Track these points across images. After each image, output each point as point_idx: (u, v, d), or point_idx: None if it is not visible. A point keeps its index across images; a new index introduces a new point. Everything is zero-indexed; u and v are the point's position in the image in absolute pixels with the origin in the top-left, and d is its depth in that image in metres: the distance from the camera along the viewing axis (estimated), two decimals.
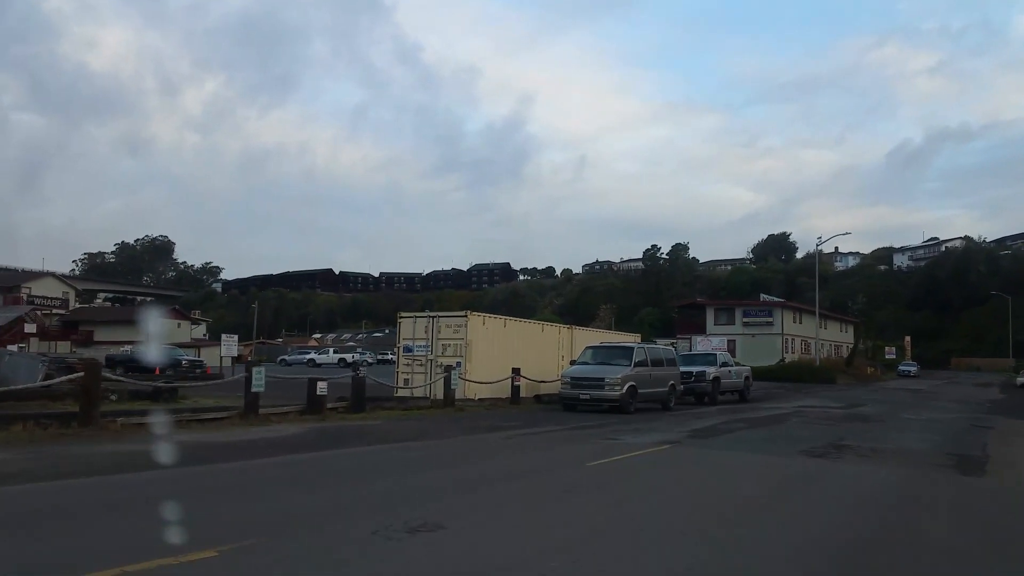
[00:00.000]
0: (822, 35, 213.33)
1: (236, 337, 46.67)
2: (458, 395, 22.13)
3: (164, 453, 8.95)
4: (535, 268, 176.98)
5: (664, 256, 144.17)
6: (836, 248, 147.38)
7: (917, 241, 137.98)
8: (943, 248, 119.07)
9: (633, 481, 9.37)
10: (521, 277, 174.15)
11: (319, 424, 15.78)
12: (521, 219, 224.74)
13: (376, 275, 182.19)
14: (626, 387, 21.47)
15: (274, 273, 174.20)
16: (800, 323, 60.51)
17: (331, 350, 68.30)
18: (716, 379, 27.45)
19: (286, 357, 66.28)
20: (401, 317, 25.00)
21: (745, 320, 58.53)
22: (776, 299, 67.28)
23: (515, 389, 23.60)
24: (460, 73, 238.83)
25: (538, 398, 24.88)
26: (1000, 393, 38.17)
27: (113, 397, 20.19)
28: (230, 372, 39.73)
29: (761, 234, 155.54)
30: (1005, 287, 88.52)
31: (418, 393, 22.65)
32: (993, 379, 60.27)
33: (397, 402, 20.77)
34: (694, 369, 27.09)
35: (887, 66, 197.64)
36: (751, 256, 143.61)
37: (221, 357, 45.54)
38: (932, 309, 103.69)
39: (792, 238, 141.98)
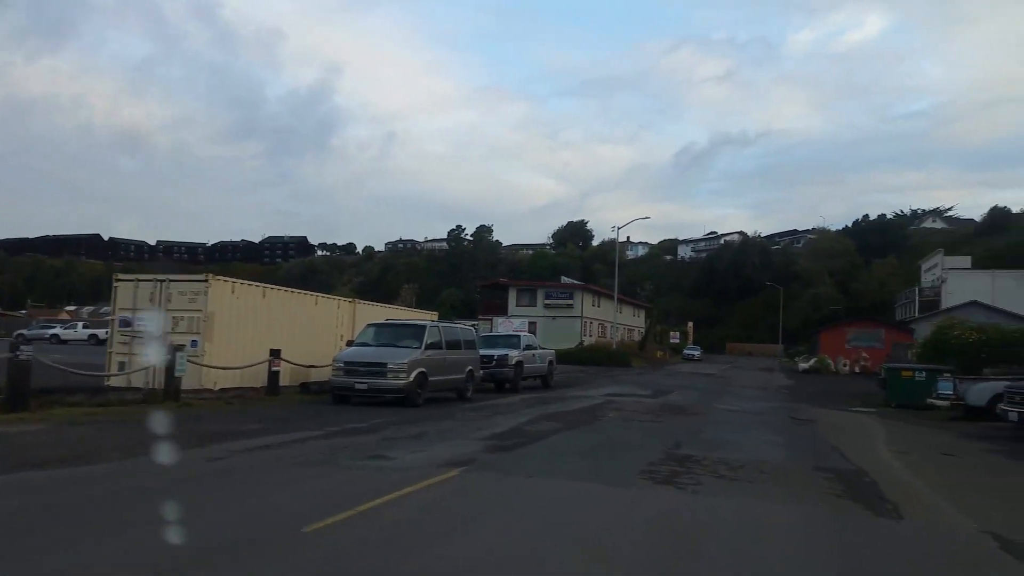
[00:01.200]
0: (624, 36, 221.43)
1: None
2: (194, 384, 16.55)
3: None
4: (335, 244, 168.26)
5: (468, 238, 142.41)
6: (628, 237, 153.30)
7: (699, 235, 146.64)
8: (722, 241, 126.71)
9: (390, 572, 4.85)
10: (319, 252, 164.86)
11: None
12: (324, 193, 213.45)
13: (152, 243, 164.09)
14: (414, 374, 17.04)
15: (30, 237, 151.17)
16: (598, 306, 59.52)
17: (80, 324, 57.59)
18: (519, 364, 23.80)
19: (25, 332, 54.78)
20: (118, 280, 18.64)
21: (547, 302, 56.37)
22: (577, 282, 66.16)
23: (273, 376, 18.29)
24: (262, 34, 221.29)
25: (305, 387, 19.77)
26: (787, 379, 38.33)
27: None
28: None
29: (561, 222, 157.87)
30: (776, 279, 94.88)
31: (138, 381, 16.69)
32: (769, 364, 63.08)
33: (91, 395, 14.77)
34: (495, 352, 23.24)
35: (679, 71, 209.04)
36: (551, 242, 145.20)
37: None
38: (711, 297, 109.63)
39: (589, 226, 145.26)
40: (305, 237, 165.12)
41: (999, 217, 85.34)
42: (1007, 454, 13.02)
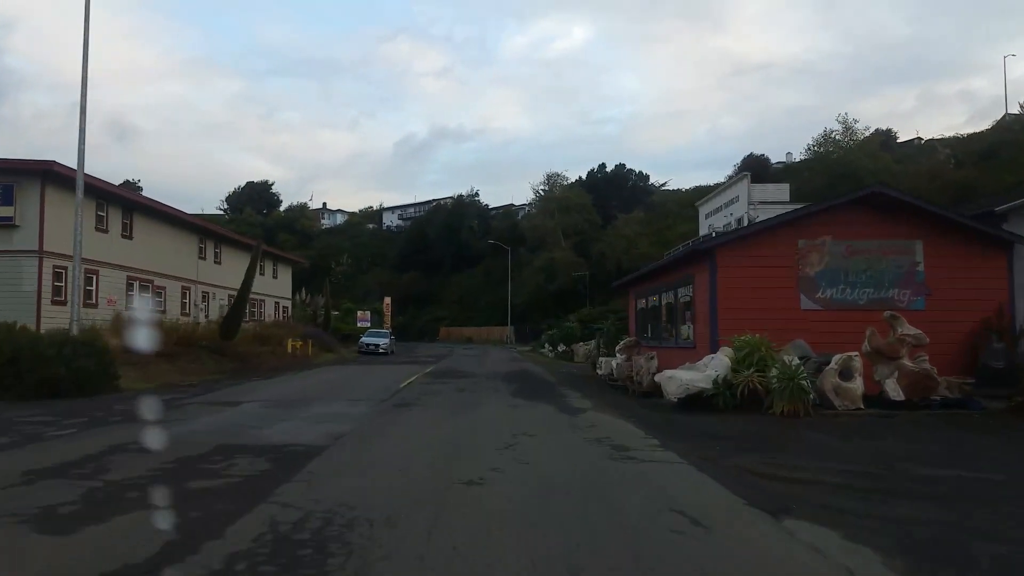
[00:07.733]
0: (343, 18, 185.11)
1: None
2: None
3: None
4: None
5: None
6: (325, 204, 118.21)
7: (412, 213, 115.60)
8: (433, 204, 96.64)
9: None
10: None
11: None
12: None
13: None
14: None
15: None
16: (130, 238, 24.01)
17: None
18: None
19: None
20: None
21: None
22: (21, 160, 22.48)
23: None
24: None
25: None
26: (638, 430, 7.33)
27: None
28: None
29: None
30: (496, 248, 67.53)
31: None
32: (512, 358, 33.09)
33: None
34: None
35: (398, 62, 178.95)
36: (226, 207, 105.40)
37: None
38: (421, 270, 79.21)
39: (275, 189, 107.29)
40: None
41: (754, 164, 65.49)
42: None
